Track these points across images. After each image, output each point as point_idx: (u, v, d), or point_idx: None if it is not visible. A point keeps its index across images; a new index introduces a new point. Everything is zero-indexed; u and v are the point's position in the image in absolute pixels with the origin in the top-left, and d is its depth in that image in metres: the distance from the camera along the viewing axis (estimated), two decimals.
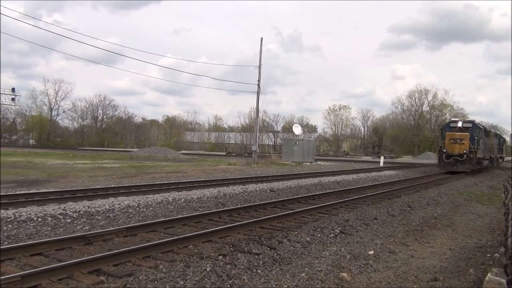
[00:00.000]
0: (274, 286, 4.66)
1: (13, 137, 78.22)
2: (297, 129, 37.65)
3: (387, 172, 24.56)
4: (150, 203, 10.06)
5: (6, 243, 6.09)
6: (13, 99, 43.63)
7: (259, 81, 30.12)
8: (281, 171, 22.56)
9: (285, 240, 6.63)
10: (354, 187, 15.39)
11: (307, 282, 4.81)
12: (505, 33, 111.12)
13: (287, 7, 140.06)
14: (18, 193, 10.52)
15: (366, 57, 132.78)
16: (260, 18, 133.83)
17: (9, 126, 75.49)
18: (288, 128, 63.93)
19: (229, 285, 4.56)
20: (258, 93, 30.26)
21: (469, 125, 25.37)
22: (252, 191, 13.30)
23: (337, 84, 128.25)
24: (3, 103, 45.11)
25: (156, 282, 4.55)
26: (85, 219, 8.06)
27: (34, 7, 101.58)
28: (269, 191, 13.64)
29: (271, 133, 73.64)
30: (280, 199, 11.24)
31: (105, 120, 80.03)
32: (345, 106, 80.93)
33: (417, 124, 72.48)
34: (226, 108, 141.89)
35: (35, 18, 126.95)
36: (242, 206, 9.93)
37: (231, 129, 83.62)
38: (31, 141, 76.79)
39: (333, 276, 5.04)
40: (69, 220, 7.89)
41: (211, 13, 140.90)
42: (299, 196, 12.07)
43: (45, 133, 74.02)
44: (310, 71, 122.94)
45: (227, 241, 6.52)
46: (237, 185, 14.25)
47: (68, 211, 8.48)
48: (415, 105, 73.63)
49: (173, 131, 79.80)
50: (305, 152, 34.18)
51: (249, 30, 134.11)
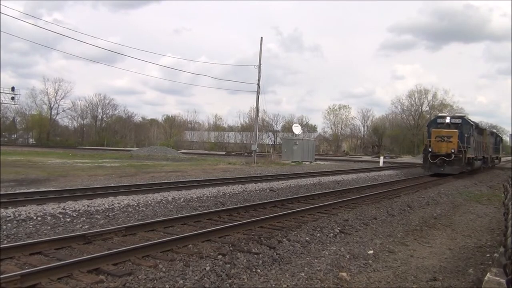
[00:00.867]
0: (274, 285, 4.66)
1: (13, 136, 78.21)
2: (296, 129, 37.67)
3: (386, 172, 24.59)
4: (150, 202, 10.07)
5: (6, 242, 6.09)
6: (12, 98, 43.59)
7: (259, 80, 30.17)
8: (280, 171, 22.57)
9: (284, 239, 6.64)
10: (354, 186, 15.40)
11: (306, 281, 4.81)
12: (505, 33, 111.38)
13: (287, 6, 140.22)
14: (18, 192, 10.52)
15: (366, 57, 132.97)
16: (260, 17, 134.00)
17: (9, 125, 75.44)
18: (288, 128, 63.94)
19: (228, 285, 4.56)
20: (258, 93, 30.30)
21: (458, 121, 22.67)
22: (251, 190, 13.30)
23: (337, 84, 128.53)
24: (3, 102, 45.12)
25: (156, 281, 4.55)
26: (84, 218, 8.06)
27: (34, 6, 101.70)
28: (268, 190, 13.64)
29: (271, 133, 73.65)
30: (280, 199, 11.24)
31: (105, 119, 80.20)
32: (345, 106, 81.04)
33: (417, 124, 72.36)
34: (226, 108, 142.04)
35: (35, 17, 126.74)
36: (241, 205, 9.93)
37: (231, 128, 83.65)
38: (31, 140, 76.79)
39: (332, 275, 5.04)
40: (68, 219, 7.89)
41: (211, 12, 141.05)
42: (299, 196, 12.07)
43: (44, 132, 74.01)
44: (310, 70, 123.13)
45: (226, 240, 6.52)
46: (236, 185, 14.26)
47: (67, 210, 8.49)
48: (414, 105, 73.65)
49: (172, 130, 79.84)
50: (305, 151, 34.18)
51: (249, 29, 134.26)
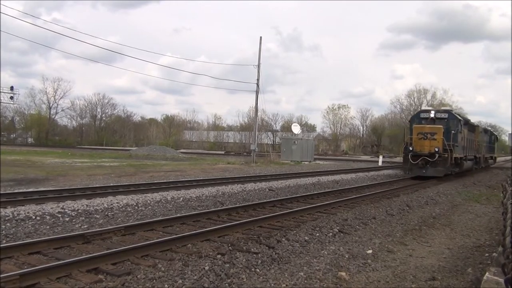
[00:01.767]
0: (273, 285, 4.66)
1: (12, 135, 78.08)
2: (296, 128, 37.71)
3: (385, 172, 24.57)
4: (149, 202, 10.06)
5: (5, 241, 6.08)
6: (11, 98, 43.51)
7: (258, 80, 30.17)
8: (280, 170, 22.58)
9: (283, 239, 6.64)
10: (353, 186, 15.40)
11: (305, 281, 4.81)
12: (504, 33, 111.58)
13: (286, 6, 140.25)
14: (17, 191, 10.51)
15: (366, 56, 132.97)
16: (260, 17, 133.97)
17: (7, 125, 75.29)
18: (287, 127, 63.87)
19: (227, 284, 4.56)
20: (257, 92, 30.29)
21: (443, 115, 19.96)
22: (251, 190, 13.30)
23: (336, 84, 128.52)
24: (2, 101, 45.05)
25: (155, 281, 4.55)
26: (83, 218, 8.06)
27: (33, 5, 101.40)
28: (268, 190, 13.64)
29: (270, 132, 73.59)
30: (279, 198, 11.24)
31: (104, 118, 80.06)
32: (344, 105, 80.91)
33: None
34: (225, 107, 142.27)
35: (34, 17, 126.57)
36: (241, 205, 9.93)
37: (230, 128, 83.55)
38: (30, 140, 76.66)
39: (331, 275, 5.04)
40: (67, 219, 7.89)
41: (210, 12, 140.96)
42: (298, 195, 12.07)
43: (43, 131, 73.88)
44: (310, 70, 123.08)
45: (225, 240, 6.52)
46: (236, 184, 14.27)
47: (66, 210, 8.48)
48: (414, 104, 73.43)
49: (172, 130, 79.77)
50: (304, 151, 34.19)
51: (249, 29, 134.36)
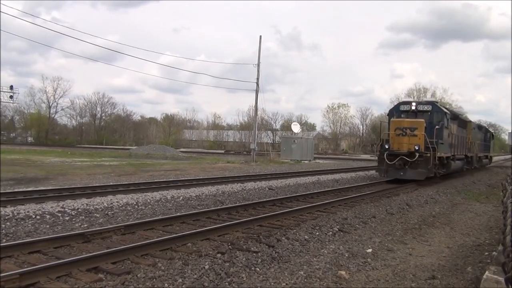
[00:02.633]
0: (273, 284, 4.66)
1: (12, 134, 78.01)
2: (295, 127, 37.74)
3: None
4: (149, 201, 10.06)
5: (5, 240, 6.08)
6: (11, 97, 43.53)
7: (258, 79, 30.17)
8: (279, 169, 22.58)
9: (283, 238, 6.64)
10: (353, 185, 15.39)
11: (305, 280, 4.81)
12: (503, 32, 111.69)
13: (286, 5, 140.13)
14: (17, 190, 10.51)
15: (365, 55, 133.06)
16: (259, 16, 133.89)
17: (7, 124, 75.22)
18: (287, 126, 63.82)
19: (227, 283, 4.56)
20: (257, 91, 30.29)
21: (427, 107, 16.87)
22: (250, 189, 13.31)
23: (336, 83, 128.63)
24: (2, 100, 45.04)
25: (155, 279, 4.56)
26: (83, 217, 8.06)
27: (33, 4, 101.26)
28: (267, 189, 13.64)
29: (269, 131, 73.56)
30: (279, 197, 11.24)
31: (103, 118, 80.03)
32: (344, 104, 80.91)
33: None
34: (225, 106, 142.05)
35: (34, 16, 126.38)
36: (240, 204, 9.93)
37: (230, 127, 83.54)
38: (30, 139, 76.57)
39: (331, 274, 5.04)
40: (67, 218, 7.89)
41: (210, 11, 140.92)
42: (298, 194, 12.07)
43: (43, 130, 73.77)
44: (309, 69, 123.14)
45: (225, 239, 6.52)
46: (235, 183, 14.27)
47: (66, 209, 8.49)
48: None
49: (171, 129, 79.74)
50: (304, 150, 34.19)
51: (248, 28, 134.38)
